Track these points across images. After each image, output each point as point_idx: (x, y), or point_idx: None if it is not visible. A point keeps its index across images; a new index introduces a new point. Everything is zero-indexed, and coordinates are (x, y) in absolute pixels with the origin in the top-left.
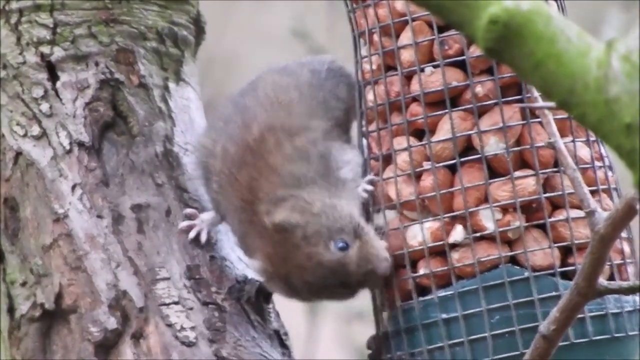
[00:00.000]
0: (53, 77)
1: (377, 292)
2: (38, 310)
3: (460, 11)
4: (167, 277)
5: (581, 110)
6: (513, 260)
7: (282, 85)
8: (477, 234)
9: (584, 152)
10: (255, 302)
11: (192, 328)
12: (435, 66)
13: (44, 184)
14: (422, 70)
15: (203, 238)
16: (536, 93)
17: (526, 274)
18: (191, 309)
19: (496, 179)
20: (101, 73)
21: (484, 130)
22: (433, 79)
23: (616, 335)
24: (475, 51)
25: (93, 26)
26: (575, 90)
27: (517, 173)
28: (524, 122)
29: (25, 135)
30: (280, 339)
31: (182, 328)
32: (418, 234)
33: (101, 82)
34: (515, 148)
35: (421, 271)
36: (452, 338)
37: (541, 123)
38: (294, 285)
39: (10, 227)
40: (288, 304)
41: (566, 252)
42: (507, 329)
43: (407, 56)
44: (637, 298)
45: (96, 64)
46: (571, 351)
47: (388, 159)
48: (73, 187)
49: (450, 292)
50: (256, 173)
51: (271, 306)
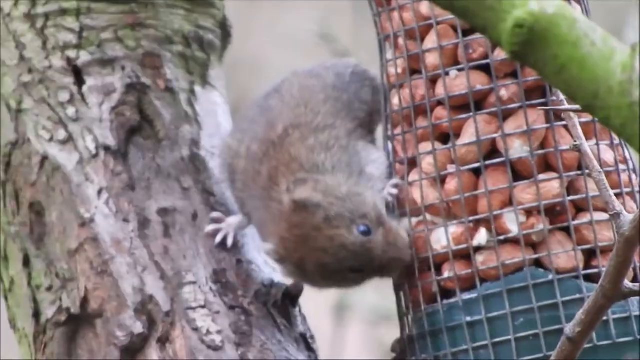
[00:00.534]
0: (79, 82)
1: (402, 295)
2: (64, 314)
3: (485, 15)
4: (194, 281)
5: (605, 113)
6: (537, 263)
7: (308, 86)
8: (502, 237)
9: (608, 155)
10: (281, 306)
11: (219, 332)
12: (460, 69)
13: (70, 189)
14: (447, 73)
15: (229, 242)
16: (561, 96)
17: (550, 277)
18: (217, 313)
19: (520, 182)
20: (127, 77)
21: (509, 133)
22: (458, 83)
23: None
24: (499, 54)
25: (119, 30)
26: (599, 93)
27: (542, 176)
28: (548, 126)
29: (51, 139)
30: (306, 343)
31: (209, 332)
32: (442, 238)
33: (127, 86)
34: (539, 151)
35: (446, 274)
36: (476, 341)
37: (565, 126)
38: (307, 269)
39: (36, 232)
40: (315, 306)
41: (590, 255)
42: (531, 332)
43: (432, 60)
44: None
45: (122, 68)
46: (595, 353)
47: (413, 163)
48: (99, 192)
49: (474, 295)
50: (277, 163)
51: (297, 309)
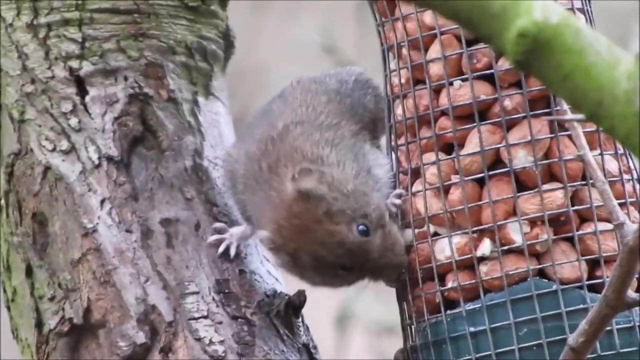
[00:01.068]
0: (82, 92)
1: (405, 305)
2: (66, 324)
3: (489, 24)
4: (196, 292)
5: (610, 122)
6: (541, 273)
7: (311, 89)
8: (505, 247)
9: (612, 165)
10: (284, 316)
11: (221, 342)
12: (463, 79)
13: (73, 199)
14: (451, 83)
15: (232, 252)
16: (565, 106)
17: (554, 287)
18: (220, 323)
19: (524, 192)
20: (130, 87)
21: (513, 143)
22: (462, 93)
23: None
24: (503, 64)
25: (122, 40)
26: (604, 103)
27: (545, 186)
28: (553, 135)
29: (54, 149)
30: (309, 353)
31: (211, 342)
32: (446, 248)
33: (130, 97)
34: (543, 161)
35: (449, 284)
36: (480, 351)
37: (569, 136)
38: (301, 260)
39: (38, 242)
40: (317, 317)
41: (594, 265)
42: (535, 342)
43: (436, 70)
44: None
45: (125, 79)
46: None
47: (417, 173)
48: (102, 202)
49: (478, 305)
50: (278, 155)
51: (300, 320)
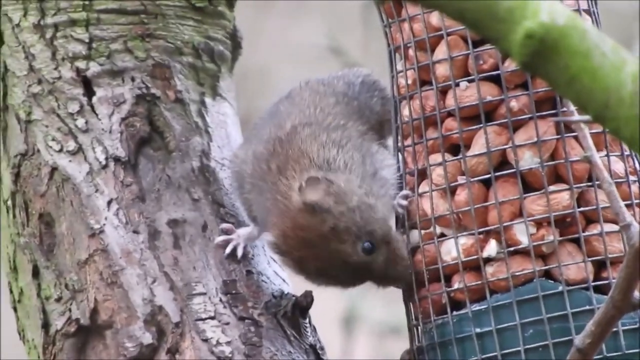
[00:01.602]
0: (89, 93)
1: (412, 306)
2: (73, 325)
3: (496, 26)
4: (204, 292)
5: (616, 124)
6: (547, 274)
7: (319, 91)
8: (512, 248)
9: (619, 167)
10: (291, 317)
11: (228, 343)
12: (470, 81)
13: (80, 200)
14: (457, 84)
15: (239, 253)
16: (572, 107)
17: (560, 288)
18: (227, 324)
19: (531, 194)
20: (137, 88)
21: (519, 144)
22: (468, 94)
23: None
24: (510, 66)
25: (129, 41)
26: (609, 104)
27: (552, 187)
28: (559, 137)
29: (60, 150)
30: (316, 354)
31: (218, 343)
32: (452, 249)
33: (137, 97)
34: (549, 162)
35: (455, 285)
36: (486, 352)
37: (576, 137)
38: (305, 266)
39: (45, 243)
40: (323, 318)
41: (600, 266)
42: (541, 343)
43: (442, 71)
44: None
45: (132, 79)
46: None
47: (423, 174)
48: (109, 203)
49: (484, 307)
50: (286, 158)
51: (307, 321)
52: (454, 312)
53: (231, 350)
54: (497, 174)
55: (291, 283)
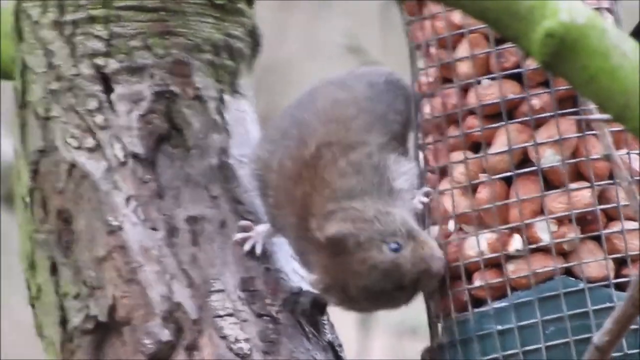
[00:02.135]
0: (108, 89)
1: (432, 304)
2: (91, 322)
3: (516, 25)
4: (222, 289)
5: (635, 124)
6: (568, 272)
7: (340, 99)
8: (533, 246)
9: (638, 165)
10: (309, 314)
11: (246, 340)
12: (492, 79)
13: (98, 196)
14: (479, 82)
15: (258, 250)
16: (592, 105)
17: (581, 286)
18: (245, 321)
19: (552, 191)
20: (156, 85)
21: (540, 142)
22: (489, 92)
23: None
24: (531, 64)
25: (148, 38)
26: (629, 105)
27: (573, 185)
28: (580, 135)
29: (79, 147)
30: (334, 351)
31: (236, 340)
32: (474, 247)
33: (156, 94)
34: (571, 160)
35: (476, 283)
36: (507, 349)
37: (596, 135)
38: (352, 294)
39: (63, 240)
40: (340, 318)
41: (620, 264)
42: (562, 340)
43: (464, 68)
44: None
45: (151, 76)
46: None
47: (444, 172)
48: (127, 200)
49: (505, 304)
50: (310, 188)
51: (325, 318)
52: (475, 310)
53: (249, 347)
54: (519, 172)
55: None
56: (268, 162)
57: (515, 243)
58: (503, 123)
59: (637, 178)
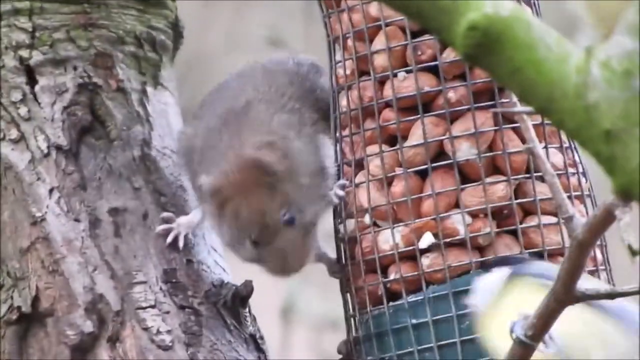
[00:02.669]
0: (32, 81)
1: (349, 297)
2: (15, 313)
3: (439, 17)
4: (144, 281)
5: (560, 117)
6: (483, 266)
7: (272, 69)
8: (448, 240)
9: (557, 159)
10: (231, 306)
11: (169, 332)
12: (408, 71)
13: (22, 188)
14: (395, 75)
15: (181, 242)
16: (514, 98)
17: None
18: (167, 313)
19: (467, 185)
20: (79, 77)
21: (456, 135)
22: (406, 84)
23: None
24: (448, 57)
25: (71, 30)
26: (554, 97)
27: (489, 179)
28: (497, 128)
29: (3, 139)
30: (256, 343)
31: (159, 332)
32: (389, 240)
33: (79, 86)
34: (487, 154)
35: (392, 276)
36: (422, 343)
37: (514, 129)
38: (224, 212)
39: None
40: (262, 310)
41: (538, 259)
42: (477, 335)
43: (381, 61)
44: None
45: (74, 68)
46: None
47: (360, 165)
48: (50, 191)
49: (420, 298)
50: (241, 127)
51: (247, 310)
52: (390, 303)
53: (171, 339)
54: (434, 165)
55: (231, 273)
56: (194, 132)
57: (424, 240)
58: (419, 116)
59: (556, 172)
